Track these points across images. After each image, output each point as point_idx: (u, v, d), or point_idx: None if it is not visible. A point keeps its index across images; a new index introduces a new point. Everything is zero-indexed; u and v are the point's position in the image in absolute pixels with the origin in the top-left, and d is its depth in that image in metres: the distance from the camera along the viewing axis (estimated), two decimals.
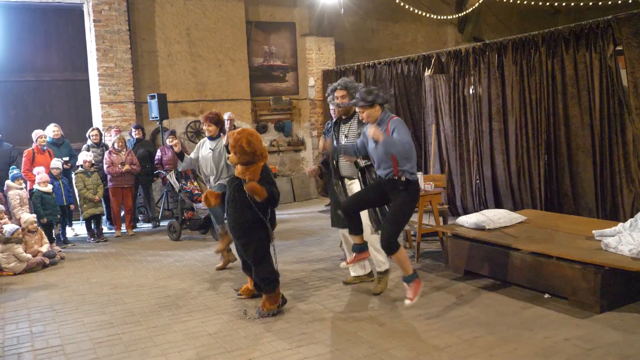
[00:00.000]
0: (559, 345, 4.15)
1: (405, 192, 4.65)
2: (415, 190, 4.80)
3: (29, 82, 10.43)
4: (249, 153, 4.92)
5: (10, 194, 7.95)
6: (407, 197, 4.67)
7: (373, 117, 4.73)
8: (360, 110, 4.76)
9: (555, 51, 7.55)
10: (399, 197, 4.67)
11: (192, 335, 4.73)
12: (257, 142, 4.98)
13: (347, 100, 5.55)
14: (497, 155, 8.44)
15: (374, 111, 4.70)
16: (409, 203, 4.73)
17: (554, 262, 5.04)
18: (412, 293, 4.75)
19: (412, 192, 4.70)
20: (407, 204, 4.72)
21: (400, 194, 4.66)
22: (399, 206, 4.70)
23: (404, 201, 4.69)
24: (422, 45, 14.60)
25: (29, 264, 7.14)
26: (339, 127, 5.66)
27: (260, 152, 5.00)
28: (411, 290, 4.75)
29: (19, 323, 5.26)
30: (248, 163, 4.98)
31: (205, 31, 11.43)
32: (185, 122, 11.35)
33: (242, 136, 4.94)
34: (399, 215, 4.72)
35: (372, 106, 4.68)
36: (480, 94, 8.62)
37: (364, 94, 4.71)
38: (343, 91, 5.57)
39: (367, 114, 4.72)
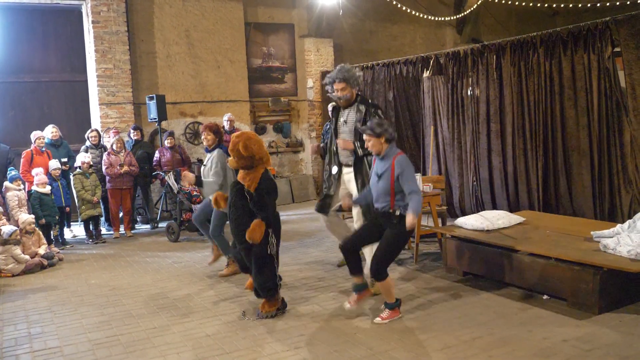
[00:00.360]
0: (558, 346, 4.15)
1: (399, 225, 4.69)
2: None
3: (27, 83, 10.42)
4: (247, 157, 4.85)
5: (8, 195, 7.94)
6: (401, 230, 4.68)
7: (376, 149, 4.78)
8: (367, 139, 4.79)
9: (553, 52, 7.56)
10: (393, 230, 4.74)
11: (191, 336, 4.73)
12: (256, 146, 4.88)
13: (347, 93, 5.53)
14: (494, 156, 8.45)
15: (378, 143, 4.74)
16: (402, 235, 4.75)
17: (552, 263, 5.05)
18: (387, 316, 4.81)
19: (404, 226, 4.63)
20: (399, 236, 4.75)
21: (395, 227, 4.72)
22: (392, 237, 4.75)
23: (397, 233, 4.73)
24: (420, 47, 14.61)
25: (27, 266, 7.13)
26: (338, 113, 5.69)
27: (260, 156, 4.90)
28: (386, 314, 4.82)
29: (17, 324, 5.26)
30: (248, 167, 4.93)
31: (204, 32, 11.44)
32: (184, 123, 11.34)
33: (240, 140, 4.87)
34: (391, 246, 4.78)
35: (378, 137, 4.73)
36: (478, 95, 8.63)
37: (374, 124, 4.77)
38: (342, 83, 5.50)
39: (372, 143, 4.77)
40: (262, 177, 4.91)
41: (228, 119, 10.36)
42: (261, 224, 4.83)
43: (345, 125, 5.60)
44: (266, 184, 4.91)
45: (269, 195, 4.91)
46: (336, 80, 5.50)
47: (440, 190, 7.46)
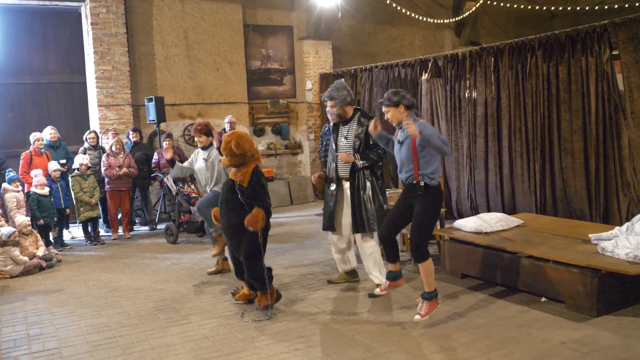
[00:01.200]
0: (556, 349, 4.16)
1: (425, 198, 4.56)
2: (436, 194, 4.67)
3: (27, 85, 10.42)
4: (239, 155, 5.06)
5: (6, 197, 7.93)
6: (428, 202, 4.57)
7: (397, 119, 4.68)
8: (386, 110, 4.72)
9: (551, 55, 7.58)
10: (419, 204, 4.59)
11: (189, 338, 4.73)
12: (247, 144, 5.09)
13: (336, 109, 5.62)
14: (490, 159, 8.47)
15: (398, 112, 4.65)
16: (431, 208, 4.61)
17: (551, 265, 5.06)
18: (425, 310, 4.67)
19: (432, 197, 4.58)
20: (428, 210, 4.60)
21: (421, 200, 4.58)
22: (421, 214, 4.60)
23: (425, 207, 4.58)
24: (419, 49, 14.64)
25: (26, 267, 7.13)
26: (338, 129, 5.71)
27: (251, 153, 5.11)
28: (425, 307, 4.67)
29: (15, 326, 5.25)
30: (239, 165, 5.12)
31: (203, 34, 11.44)
32: (183, 125, 11.35)
33: (232, 138, 5.10)
34: (423, 222, 4.62)
35: (396, 107, 4.63)
36: (475, 98, 8.65)
37: (390, 94, 4.68)
38: (331, 102, 5.65)
39: (392, 114, 4.68)
40: (254, 171, 5.11)
41: (229, 121, 10.35)
42: (260, 212, 5.00)
43: (346, 142, 5.63)
44: (258, 177, 5.11)
45: (261, 187, 5.09)
46: (326, 99, 5.70)
47: None
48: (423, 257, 4.60)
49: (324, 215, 5.88)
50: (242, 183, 5.06)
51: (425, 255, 4.60)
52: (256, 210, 5.01)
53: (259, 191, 5.07)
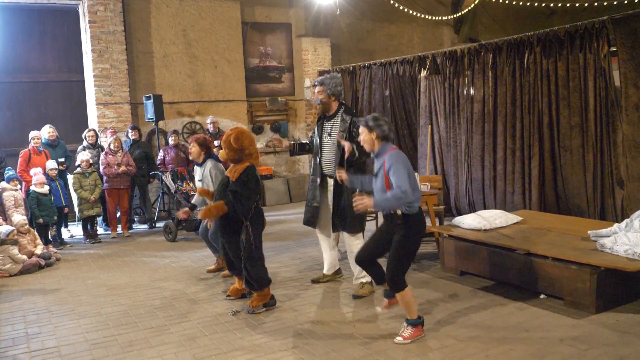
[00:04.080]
0: (555, 346, 4.16)
1: (404, 227, 4.35)
2: (417, 222, 4.41)
3: (24, 84, 10.40)
4: (236, 150, 5.05)
5: (4, 195, 7.92)
6: (407, 231, 4.36)
7: (368, 144, 4.50)
8: (361, 130, 4.55)
9: (550, 52, 7.57)
10: (399, 234, 4.41)
11: (188, 336, 4.73)
12: (247, 141, 5.09)
13: (323, 96, 5.53)
14: (486, 156, 8.47)
15: (370, 137, 4.45)
16: (410, 238, 4.40)
17: (549, 262, 5.05)
18: (409, 334, 4.41)
19: (412, 226, 4.37)
20: (407, 239, 4.39)
21: (400, 230, 4.41)
22: (399, 242, 4.39)
23: (404, 237, 4.38)
24: (418, 46, 14.63)
25: (24, 266, 7.12)
26: (322, 125, 5.66)
27: (250, 152, 5.10)
28: (410, 331, 4.42)
29: (14, 324, 5.25)
30: (237, 161, 5.12)
31: (201, 32, 11.43)
32: (182, 123, 11.33)
33: (233, 132, 5.12)
34: (401, 253, 4.40)
35: (369, 131, 4.44)
36: (473, 94, 8.64)
37: (370, 117, 4.51)
38: (320, 87, 5.55)
39: (364, 137, 4.50)
40: (246, 169, 5.06)
41: (211, 122, 10.32)
42: (222, 207, 5.01)
43: (330, 139, 5.56)
44: (247, 176, 5.04)
45: (246, 186, 4.99)
46: (316, 83, 5.61)
47: (437, 189, 7.47)
48: (400, 287, 4.39)
49: (305, 209, 5.88)
50: (232, 178, 5.08)
51: (402, 284, 4.39)
52: (218, 204, 5.03)
53: (243, 192, 4.98)
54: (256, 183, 5.12)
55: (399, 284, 4.39)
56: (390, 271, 4.42)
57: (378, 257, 4.69)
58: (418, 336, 4.41)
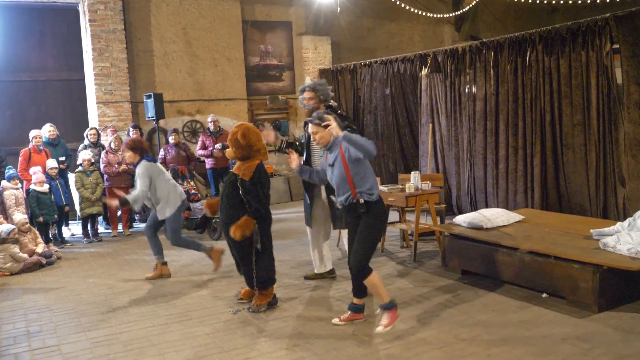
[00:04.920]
0: (557, 345, 4.15)
1: (366, 215, 4.39)
2: (379, 210, 4.47)
3: (25, 82, 10.39)
4: (244, 147, 4.97)
5: (5, 194, 7.92)
6: (371, 219, 4.39)
7: (325, 140, 4.51)
8: (314, 131, 4.53)
9: (552, 50, 7.55)
10: (363, 222, 4.41)
11: (189, 334, 4.72)
12: (254, 137, 5.01)
13: (313, 102, 5.53)
14: (488, 155, 8.45)
15: (326, 134, 4.47)
16: (374, 225, 4.43)
17: (552, 261, 5.04)
18: (388, 320, 4.43)
19: (374, 214, 4.41)
20: (371, 227, 4.42)
21: (364, 218, 4.40)
22: (363, 231, 4.41)
23: (367, 224, 4.41)
24: (418, 44, 14.60)
25: (25, 264, 7.12)
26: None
27: (258, 148, 5.02)
28: (387, 317, 4.44)
29: (15, 323, 5.24)
30: (245, 158, 5.03)
31: (201, 30, 11.41)
32: (182, 121, 11.32)
33: (239, 129, 5.02)
34: (365, 237, 4.41)
35: (325, 127, 4.44)
36: (475, 92, 8.63)
37: (320, 114, 4.51)
38: (310, 93, 5.55)
39: (320, 135, 4.49)
40: (257, 167, 5.00)
41: (212, 120, 10.29)
42: (250, 222, 4.89)
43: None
44: (260, 175, 4.99)
45: (262, 186, 4.96)
46: (306, 88, 5.58)
47: (438, 188, 7.46)
48: (365, 273, 4.40)
49: (305, 209, 5.89)
50: (244, 177, 4.94)
51: (367, 270, 4.40)
52: (246, 219, 4.89)
53: (259, 191, 4.94)
54: (268, 181, 5.11)
55: (365, 271, 4.42)
56: (358, 259, 4.42)
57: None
58: (396, 319, 4.47)
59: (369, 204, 4.39)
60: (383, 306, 4.47)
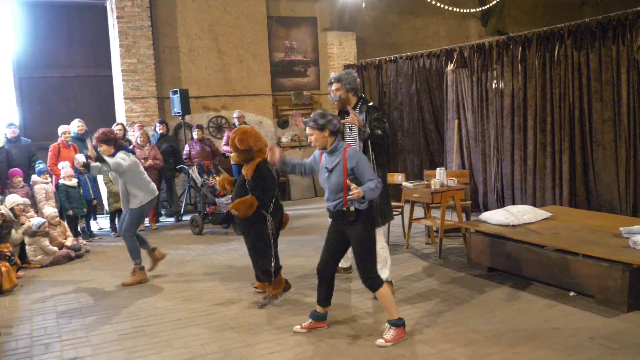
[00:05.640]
0: (584, 344, 4.09)
1: (357, 223, 4.28)
2: (368, 217, 4.34)
3: (54, 79, 10.58)
4: (244, 151, 5.21)
5: (36, 188, 8.08)
6: (362, 227, 4.29)
7: (321, 143, 4.38)
8: (310, 132, 4.41)
9: (581, 44, 7.43)
10: (355, 231, 4.30)
11: (215, 328, 4.77)
12: (252, 139, 5.21)
13: (342, 92, 5.44)
14: (516, 151, 8.35)
15: (322, 136, 4.34)
16: (367, 233, 4.32)
17: (580, 259, 4.97)
18: (392, 336, 4.26)
19: (365, 221, 4.30)
20: (365, 235, 4.31)
21: (355, 227, 4.29)
22: (360, 241, 4.31)
23: (361, 233, 4.30)
24: (444, 39, 14.47)
25: (55, 257, 7.26)
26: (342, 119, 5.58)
27: (258, 148, 5.23)
28: (392, 333, 4.28)
29: (46, 314, 5.36)
30: (248, 160, 5.29)
31: (227, 27, 11.47)
32: (207, 117, 11.41)
33: (236, 135, 5.23)
34: (364, 249, 4.31)
35: (321, 130, 4.33)
36: (502, 88, 8.53)
37: (316, 115, 4.38)
38: (337, 84, 5.44)
39: (316, 137, 4.36)
40: (257, 165, 5.22)
41: (237, 116, 10.33)
42: (251, 200, 5.11)
43: (351, 132, 5.47)
44: (260, 170, 5.21)
45: (263, 180, 5.19)
46: (333, 80, 5.51)
47: (464, 184, 7.40)
48: (377, 285, 4.29)
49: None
50: (247, 177, 5.26)
51: (379, 281, 4.30)
52: (248, 197, 5.13)
53: (259, 183, 5.19)
54: (270, 174, 5.28)
55: (376, 281, 4.30)
56: (363, 269, 4.32)
57: (336, 265, 4.62)
58: (401, 338, 4.28)
59: (359, 212, 4.28)
60: (391, 322, 4.33)
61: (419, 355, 4.05)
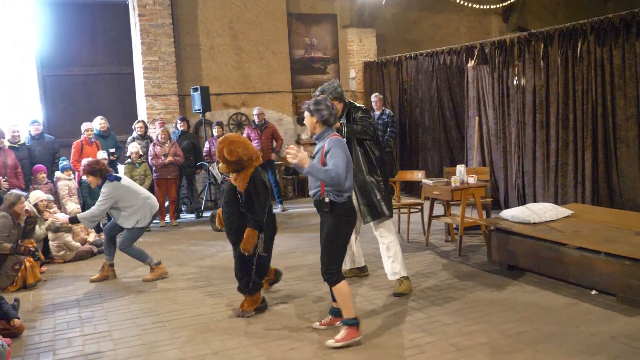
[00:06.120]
0: (606, 343, 4.04)
1: (330, 216, 4.23)
2: (344, 211, 4.27)
3: (77, 76, 10.72)
4: (234, 161, 4.86)
5: (59, 185, 8.21)
6: (334, 220, 4.24)
7: (310, 127, 4.40)
8: (305, 116, 4.40)
9: (605, 40, 7.31)
10: (327, 222, 4.27)
11: (235, 323, 4.80)
12: (240, 149, 4.86)
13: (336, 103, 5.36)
14: (538, 148, 8.25)
15: (311, 121, 4.34)
16: (339, 227, 4.26)
17: (602, 257, 4.90)
18: (342, 336, 4.21)
19: (338, 215, 4.24)
20: (333, 230, 4.26)
21: (328, 218, 4.26)
22: (327, 233, 4.28)
23: (331, 226, 4.25)
24: (465, 36, 14.35)
25: (78, 253, 7.37)
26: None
27: (248, 157, 4.90)
28: (343, 333, 4.22)
29: (68, 309, 5.45)
30: (238, 170, 4.94)
31: (247, 24, 11.51)
32: (227, 114, 11.47)
33: (223, 145, 4.89)
34: (330, 242, 4.27)
35: (311, 115, 4.32)
36: (524, 85, 8.44)
37: (313, 101, 4.36)
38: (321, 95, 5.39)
39: (307, 120, 4.38)
40: (252, 177, 4.91)
41: (257, 113, 10.32)
42: (253, 233, 4.83)
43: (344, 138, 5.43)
44: (255, 185, 4.89)
45: (257, 196, 4.88)
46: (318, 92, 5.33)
47: (484, 182, 7.34)
48: (334, 280, 4.24)
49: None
50: (240, 189, 4.93)
51: (337, 277, 4.24)
52: (248, 232, 4.82)
53: (254, 202, 4.86)
54: (265, 188, 4.97)
55: (334, 276, 4.25)
56: (324, 262, 4.28)
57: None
58: (353, 339, 4.21)
59: (333, 204, 4.23)
60: (345, 321, 4.26)
61: (438, 353, 4.04)
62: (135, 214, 6.22)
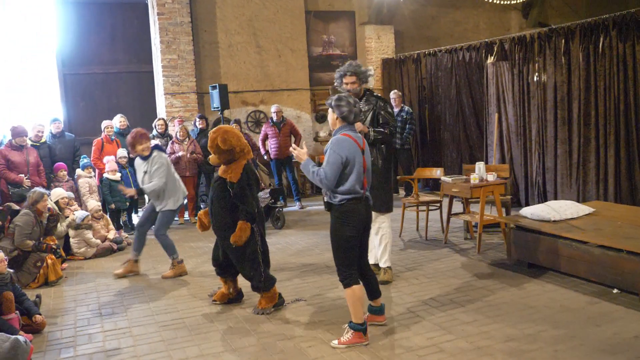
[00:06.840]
0: (628, 342, 3.99)
1: (331, 217, 4.24)
2: (341, 214, 4.17)
3: (97, 75, 10.85)
4: (227, 151, 4.87)
5: (80, 182, 8.30)
6: (333, 222, 4.21)
7: (331, 123, 4.39)
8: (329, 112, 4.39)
9: (627, 35, 7.20)
10: (331, 224, 4.27)
11: (254, 320, 4.82)
12: (234, 139, 4.87)
13: (357, 86, 5.42)
14: (559, 145, 8.15)
15: (332, 117, 4.33)
16: (336, 228, 4.20)
17: (624, 256, 4.83)
18: (347, 338, 4.18)
19: (336, 217, 4.19)
20: (333, 230, 4.23)
21: (331, 220, 4.26)
22: (331, 235, 4.27)
23: (331, 227, 4.26)
24: (484, 32, 14.21)
25: (98, 249, 7.46)
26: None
27: (240, 148, 4.91)
28: (349, 336, 4.19)
29: (89, 305, 5.51)
30: (229, 162, 4.94)
31: (265, 22, 11.53)
32: (246, 112, 11.51)
33: (217, 135, 4.89)
34: (332, 245, 4.28)
35: (332, 111, 4.31)
36: (545, 81, 8.33)
37: (336, 97, 4.32)
38: (353, 77, 5.44)
39: (330, 115, 4.37)
40: (245, 168, 4.92)
41: (275, 110, 10.32)
42: (246, 226, 4.82)
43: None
44: (249, 177, 4.91)
45: (250, 187, 4.89)
46: (347, 73, 5.46)
47: (504, 179, 7.27)
48: (345, 283, 4.19)
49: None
50: (232, 180, 4.87)
51: (348, 280, 4.17)
52: (240, 225, 4.81)
53: (247, 193, 4.86)
54: (256, 180, 5.01)
55: (345, 279, 4.20)
56: (336, 264, 4.27)
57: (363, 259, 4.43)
58: (356, 343, 4.17)
59: (330, 205, 4.24)
60: (351, 325, 4.22)
61: (457, 352, 4.01)
62: (172, 194, 6.32)
